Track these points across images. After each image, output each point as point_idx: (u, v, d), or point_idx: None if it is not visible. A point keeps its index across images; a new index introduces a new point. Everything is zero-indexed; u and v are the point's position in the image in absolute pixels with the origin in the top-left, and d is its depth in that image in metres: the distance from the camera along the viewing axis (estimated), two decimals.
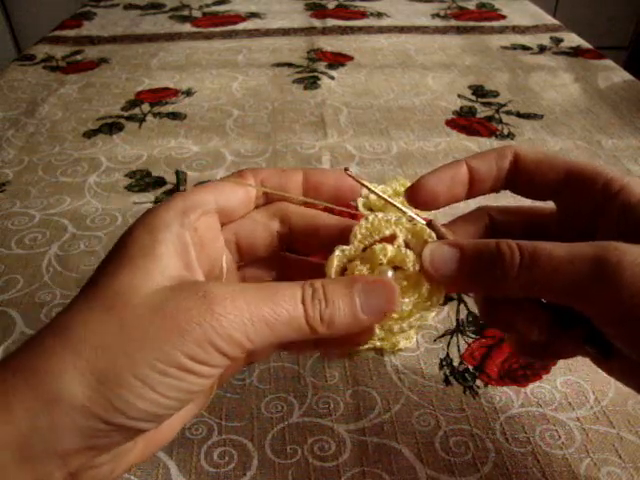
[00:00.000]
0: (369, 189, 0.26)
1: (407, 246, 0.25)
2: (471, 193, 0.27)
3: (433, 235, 0.25)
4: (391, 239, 0.25)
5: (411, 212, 0.25)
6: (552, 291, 0.23)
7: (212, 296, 0.20)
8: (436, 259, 0.24)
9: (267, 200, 0.26)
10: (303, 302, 0.21)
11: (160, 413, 0.20)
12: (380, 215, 0.25)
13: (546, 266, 0.22)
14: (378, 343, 0.25)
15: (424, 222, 0.25)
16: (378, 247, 0.24)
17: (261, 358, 0.27)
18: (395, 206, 0.26)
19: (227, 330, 0.20)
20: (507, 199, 0.30)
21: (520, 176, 0.26)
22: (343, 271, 0.24)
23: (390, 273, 0.24)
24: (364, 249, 0.25)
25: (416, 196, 0.26)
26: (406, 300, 0.24)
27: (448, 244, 0.24)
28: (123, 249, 0.22)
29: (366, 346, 0.25)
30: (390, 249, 0.24)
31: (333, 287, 0.22)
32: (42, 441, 0.19)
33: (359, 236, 0.24)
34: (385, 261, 0.24)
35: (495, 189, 0.27)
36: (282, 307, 0.21)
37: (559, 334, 0.24)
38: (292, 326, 0.21)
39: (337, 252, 0.24)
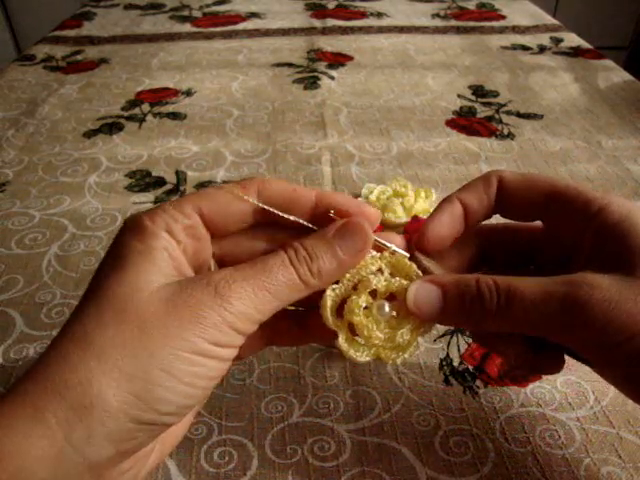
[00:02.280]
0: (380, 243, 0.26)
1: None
2: (468, 224, 0.27)
3: (415, 268, 0.26)
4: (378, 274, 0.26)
5: (394, 247, 0.26)
6: (527, 328, 0.24)
7: (215, 282, 0.21)
8: (419, 299, 0.25)
9: (270, 219, 0.25)
10: (291, 263, 0.23)
11: (187, 404, 0.21)
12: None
13: (520, 306, 0.23)
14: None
15: (407, 255, 0.26)
16: (372, 277, 0.25)
17: (251, 352, 0.27)
18: (380, 242, 0.26)
19: (238, 307, 0.21)
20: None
21: (505, 200, 0.27)
22: (339, 309, 0.25)
23: (387, 307, 0.25)
24: (354, 287, 0.26)
25: (426, 245, 0.27)
26: (403, 331, 0.25)
27: (431, 282, 0.25)
28: (118, 255, 0.22)
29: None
30: (382, 278, 0.25)
31: (312, 242, 0.23)
32: (77, 453, 0.19)
33: (348, 275, 0.25)
34: (381, 290, 0.25)
35: (488, 216, 0.28)
36: (276, 273, 0.22)
37: (534, 357, 0.26)
38: (289, 287, 0.22)
39: (328, 292, 0.25)
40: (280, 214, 0.25)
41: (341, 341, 0.25)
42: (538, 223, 0.28)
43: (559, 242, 0.27)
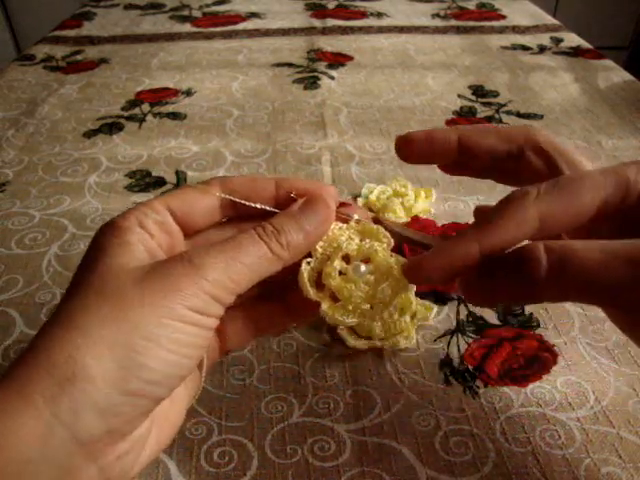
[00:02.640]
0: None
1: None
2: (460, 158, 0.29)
3: (382, 230, 0.26)
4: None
5: (357, 215, 0.27)
6: (586, 298, 0.22)
7: (191, 255, 0.22)
8: (469, 288, 0.24)
9: (236, 211, 0.26)
10: (261, 238, 0.24)
11: (173, 373, 0.22)
12: (332, 226, 0.26)
13: (578, 273, 0.21)
14: (379, 343, 0.26)
15: (371, 222, 0.27)
16: (343, 243, 0.26)
17: (242, 343, 0.28)
18: (344, 213, 0.27)
19: (213, 275, 0.22)
20: None
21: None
22: (319, 283, 0.26)
23: (363, 266, 0.26)
24: (328, 259, 0.26)
25: (405, 154, 0.29)
26: (384, 285, 0.25)
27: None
28: (96, 250, 0.23)
29: (366, 345, 0.26)
30: (353, 242, 0.26)
31: (278, 219, 0.25)
32: (65, 428, 0.19)
33: (319, 249, 0.26)
34: (353, 254, 0.26)
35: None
36: (247, 247, 0.23)
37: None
38: (261, 259, 0.23)
39: (304, 265, 0.25)
40: (244, 202, 0.26)
41: (325, 308, 0.25)
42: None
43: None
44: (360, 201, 0.51)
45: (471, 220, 0.40)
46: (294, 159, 0.59)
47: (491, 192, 0.52)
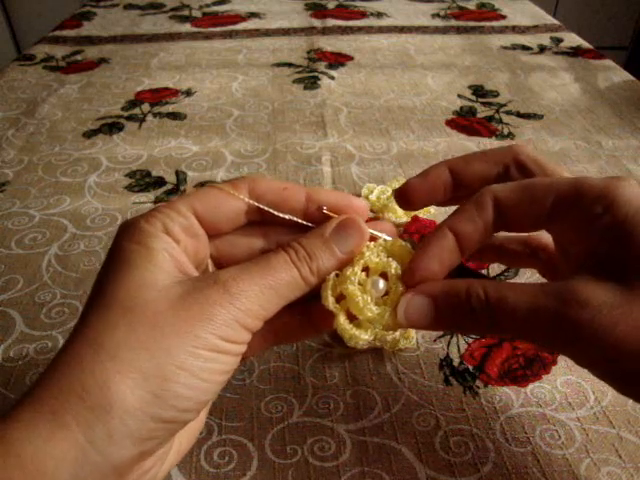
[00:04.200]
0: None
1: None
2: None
3: (409, 248, 0.26)
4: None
5: (385, 235, 0.27)
6: (519, 338, 0.24)
7: (223, 280, 0.22)
8: (410, 312, 0.24)
9: (262, 217, 0.26)
10: (293, 263, 0.23)
11: (204, 399, 0.22)
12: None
13: (510, 319, 0.22)
14: (378, 343, 0.26)
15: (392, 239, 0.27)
16: (366, 253, 0.25)
17: (259, 351, 0.27)
18: (374, 234, 0.26)
19: (245, 304, 0.22)
20: None
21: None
22: (339, 297, 0.25)
23: (381, 282, 0.25)
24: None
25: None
26: (392, 310, 0.25)
27: (421, 293, 0.24)
28: (118, 259, 0.22)
29: (366, 345, 0.25)
30: (376, 254, 0.26)
31: (310, 242, 0.24)
32: (99, 453, 0.19)
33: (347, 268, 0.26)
34: (374, 267, 0.25)
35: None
36: (280, 272, 0.23)
37: None
38: (292, 285, 0.23)
39: (330, 276, 0.25)
40: (273, 212, 0.25)
41: (341, 320, 0.25)
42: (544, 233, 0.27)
43: (568, 244, 0.25)
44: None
45: None
46: (294, 159, 0.59)
47: None
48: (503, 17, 1.02)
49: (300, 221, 0.25)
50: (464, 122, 0.66)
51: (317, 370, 0.36)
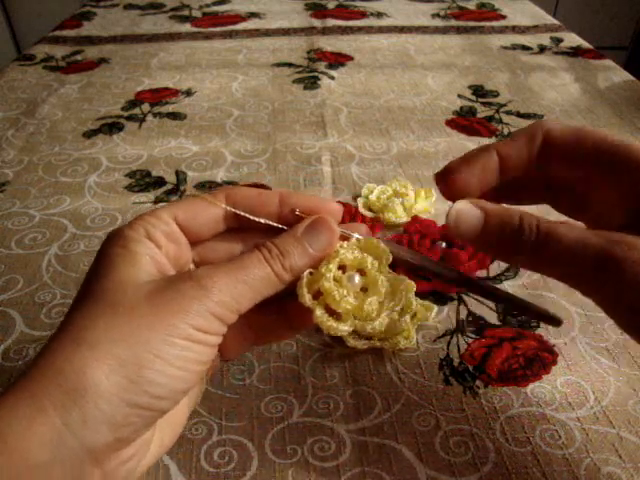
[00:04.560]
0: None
1: None
2: (501, 179, 0.27)
3: (383, 247, 0.26)
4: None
5: (357, 235, 0.27)
6: (559, 273, 0.24)
7: (199, 276, 0.23)
8: (461, 217, 0.25)
9: (240, 223, 0.27)
10: (266, 260, 0.24)
11: (179, 388, 0.23)
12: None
13: (556, 248, 0.23)
14: (378, 343, 0.26)
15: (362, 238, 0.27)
16: (342, 250, 0.26)
17: (242, 351, 0.29)
18: (347, 233, 0.27)
19: (219, 297, 0.23)
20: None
21: (550, 154, 0.26)
22: (315, 294, 0.26)
23: (357, 277, 0.26)
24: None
25: (448, 187, 0.27)
26: (372, 299, 0.26)
27: (475, 204, 0.25)
28: (103, 261, 0.24)
29: (366, 345, 0.26)
30: (351, 252, 0.26)
31: (283, 241, 0.25)
32: (75, 437, 0.20)
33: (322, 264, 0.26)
34: (350, 264, 0.26)
35: (527, 171, 0.27)
36: (253, 269, 0.24)
37: None
38: (265, 281, 0.24)
39: (305, 274, 0.26)
40: (248, 216, 0.26)
41: (318, 314, 0.25)
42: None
43: (606, 199, 0.26)
44: (360, 201, 0.51)
45: None
46: (294, 159, 0.59)
47: None
48: (503, 17, 1.02)
49: (275, 224, 0.26)
50: (464, 122, 0.66)
51: (317, 370, 0.36)
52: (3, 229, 0.49)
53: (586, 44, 0.89)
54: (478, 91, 0.74)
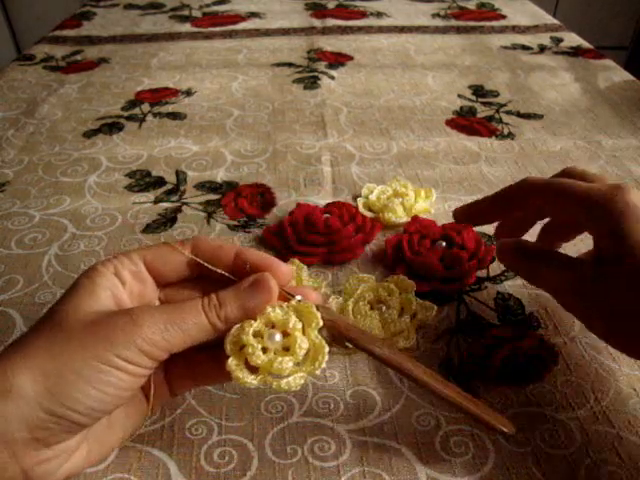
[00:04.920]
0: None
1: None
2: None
3: (316, 313, 0.28)
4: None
5: (299, 297, 0.29)
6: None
7: (135, 312, 0.26)
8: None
9: (201, 271, 0.29)
10: (203, 308, 0.27)
11: (96, 407, 0.25)
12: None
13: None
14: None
15: (312, 305, 0.28)
16: (270, 309, 0.28)
17: (184, 390, 0.31)
18: (288, 293, 0.29)
19: (147, 334, 0.25)
20: None
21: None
22: (243, 344, 0.27)
23: (278, 335, 0.28)
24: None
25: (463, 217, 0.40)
26: (286, 359, 0.27)
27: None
28: (71, 289, 0.27)
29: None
30: (279, 311, 0.28)
31: (225, 293, 0.27)
32: None
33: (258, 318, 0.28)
34: (276, 322, 0.28)
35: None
36: (187, 314, 0.26)
37: None
38: (198, 326, 0.26)
39: (233, 330, 0.27)
40: (209, 266, 0.29)
41: (229, 362, 0.27)
42: None
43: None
44: (360, 201, 0.51)
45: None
46: (294, 159, 0.59)
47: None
48: (503, 17, 1.02)
49: (228, 275, 0.29)
50: (464, 122, 0.66)
51: None
52: (3, 229, 0.49)
53: (586, 44, 0.89)
54: (478, 91, 0.74)
